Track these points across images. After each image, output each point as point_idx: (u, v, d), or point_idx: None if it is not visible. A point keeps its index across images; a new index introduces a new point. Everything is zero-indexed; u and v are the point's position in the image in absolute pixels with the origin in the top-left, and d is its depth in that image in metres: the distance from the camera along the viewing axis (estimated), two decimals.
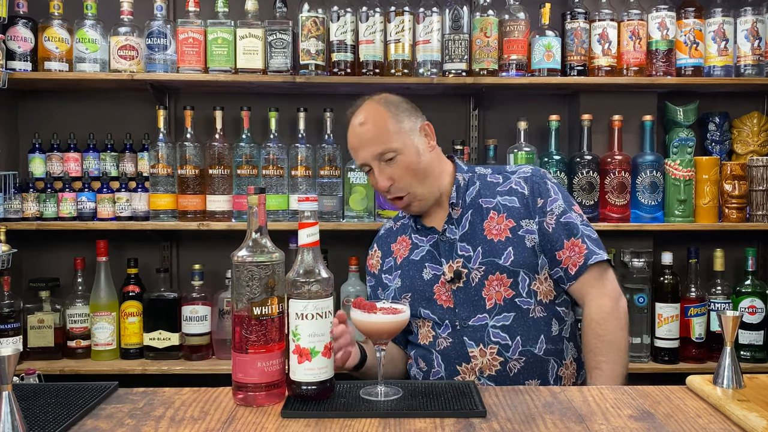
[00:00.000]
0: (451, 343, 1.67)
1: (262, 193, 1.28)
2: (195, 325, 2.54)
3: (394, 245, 1.84)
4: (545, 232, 1.68)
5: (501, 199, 1.72)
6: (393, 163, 1.67)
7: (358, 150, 1.72)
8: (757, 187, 2.61)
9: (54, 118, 2.78)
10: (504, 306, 1.65)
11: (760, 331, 2.58)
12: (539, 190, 1.72)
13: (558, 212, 1.69)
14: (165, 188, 2.54)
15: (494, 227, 1.69)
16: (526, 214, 1.69)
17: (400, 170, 1.68)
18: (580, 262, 1.66)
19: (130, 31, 2.54)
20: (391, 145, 1.67)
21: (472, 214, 1.72)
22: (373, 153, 1.68)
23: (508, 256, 1.66)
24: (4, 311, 2.44)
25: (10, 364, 1.00)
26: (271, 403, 1.26)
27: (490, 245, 1.67)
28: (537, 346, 1.65)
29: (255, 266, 1.24)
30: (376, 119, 1.70)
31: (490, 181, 1.77)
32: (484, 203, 1.72)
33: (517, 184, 1.73)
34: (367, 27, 2.51)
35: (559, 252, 1.67)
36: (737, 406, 1.21)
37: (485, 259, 1.67)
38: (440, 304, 1.70)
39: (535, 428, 1.16)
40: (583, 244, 1.66)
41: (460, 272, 1.67)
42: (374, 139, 1.68)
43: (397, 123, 1.69)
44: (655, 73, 2.61)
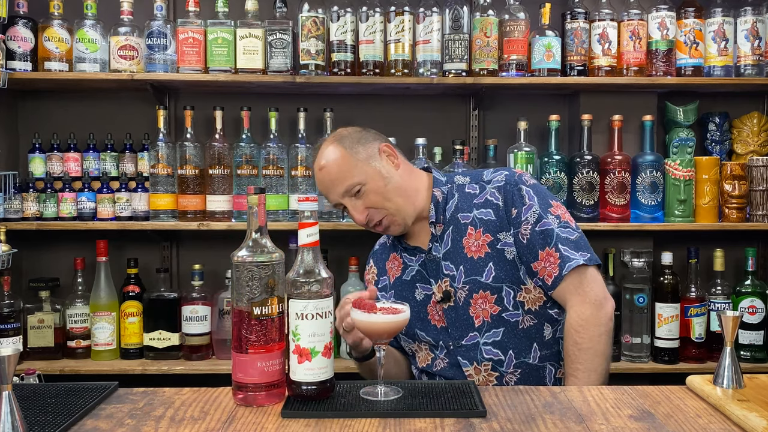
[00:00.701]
0: (448, 364, 1.69)
1: (262, 193, 1.28)
2: (195, 325, 2.54)
3: (388, 263, 1.84)
4: (521, 244, 1.64)
5: (477, 212, 1.69)
6: (361, 194, 1.67)
7: (326, 193, 1.73)
8: (757, 187, 2.61)
9: (54, 118, 2.78)
10: (492, 322, 1.65)
11: (760, 331, 2.58)
12: (513, 200, 1.66)
13: (533, 220, 1.63)
14: (165, 188, 2.54)
15: (473, 244, 1.66)
16: (502, 227, 1.65)
17: (370, 199, 1.68)
18: (555, 272, 1.60)
19: (130, 31, 2.54)
20: (353, 180, 1.66)
21: (452, 231, 1.70)
22: (339, 192, 1.69)
23: (489, 272, 1.64)
24: (4, 311, 2.44)
25: (10, 364, 1.00)
26: (271, 403, 1.26)
27: (471, 263, 1.65)
28: (531, 356, 1.65)
29: (255, 266, 1.24)
30: (332, 160, 1.69)
31: (468, 192, 1.72)
32: (462, 218, 1.69)
33: (492, 195, 1.69)
34: (367, 27, 2.51)
35: (534, 263, 1.63)
36: (737, 406, 1.21)
37: (468, 278, 1.65)
38: (434, 324, 1.70)
39: (535, 428, 1.16)
40: (557, 252, 1.60)
41: (448, 292, 1.67)
42: (336, 180, 1.68)
43: (353, 156, 1.68)
44: (655, 73, 2.61)
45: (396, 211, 1.69)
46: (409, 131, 2.71)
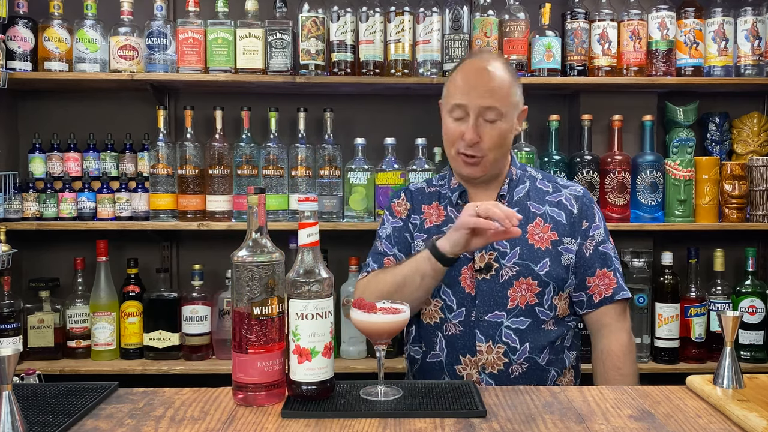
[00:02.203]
0: (461, 332, 1.66)
1: (262, 193, 1.28)
2: (195, 325, 2.54)
3: (426, 207, 1.78)
4: (582, 256, 1.69)
5: (549, 209, 1.71)
6: (491, 125, 1.61)
7: (467, 92, 1.61)
8: (757, 187, 2.61)
9: (54, 118, 2.78)
10: (524, 310, 1.65)
11: (760, 331, 2.58)
12: (587, 213, 1.72)
13: (598, 239, 1.71)
14: (165, 188, 2.54)
15: (537, 234, 1.68)
16: (570, 233, 1.69)
17: (493, 135, 1.62)
18: (607, 293, 1.69)
19: (130, 31, 2.54)
20: (502, 108, 1.61)
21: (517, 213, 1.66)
22: (484, 104, 1.60)
23: (544, 265, 1.65)
24: (4, 311, 2.44)
25: (10, 364, 1.00)
26: (271, 403, 1.26)
27: (529, 249, 1.66)
28: (541, 357, 1.66)
29: (255, 266, 1.24)
30: (504, 75, 1.63)
31: (540, 187, 1.75)
32: (532, 207, 1.71)
33: (568, 200, 1.73)
34: (367, 27, 2.51)
35: (590, 278, 1.69)
36: (737, 406, 1.21)
37: (521, 261, 1.65)
38: (462, 287, 1.67)
39: (535, 428, 1.16)
40: (614, 277, 1.70)
41: (491, 265, 1.65)
42: (491, 92, 1.60)
43: (515, 92, 1.65)
44: (655, 73, 2.61)
45: (493, 161, 1.66)
46: (409, 131, 2.71)
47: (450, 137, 1.67)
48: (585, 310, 1.72)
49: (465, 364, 1.65)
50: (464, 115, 1.62)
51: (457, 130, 1.63)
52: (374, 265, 1.79)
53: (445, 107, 1.68)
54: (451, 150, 1.68)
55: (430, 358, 1.69)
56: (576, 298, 1.72)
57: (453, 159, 1.70)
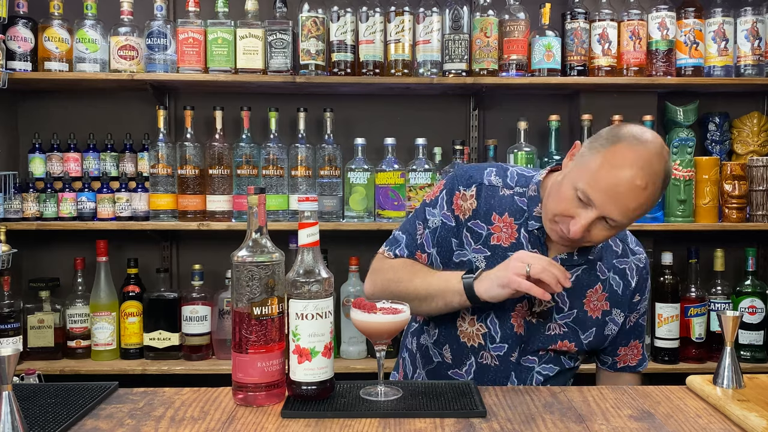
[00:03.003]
0: (496, 367, 1.56)
1: (262, 193, 1.28)
2: (195, 325, 2.54)
3: (498, 218, 1.56)
4: (623, 327, 1.63)
5: (612, 276, 1.59)
6: (607, 228, 1.41)
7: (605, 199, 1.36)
8: (757, 187, 2.61)
9: (54, 118, 2.78)
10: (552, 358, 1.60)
11: (760, 331, 2.58)
12: (641, 288, 1.63)
13: (642, 312, 1.66)
14: (165, 188, 2.54)
15: (594, 301, 1.57)
16: (621, 305, 1.60)
17: (602, 236, 1.43)
18: (632, 363, 1.68)
19: (130, 31, 2.54)
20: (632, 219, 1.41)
21: (584, 271, 1.57)
22: (614, 215, 1.37)
23: (589, 335, 1.58)
24: (4, 311, 2.44)
25: (10, 364, 1.00)
26: (271, 403, 1.26)
27: (583, 315, 1.57)
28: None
29: (255, 266, 1.24)
30: (651, 195, 1.38)
31: (610, 245, 1.61)
32: (599, 270, 1.58)
33: (631, 270, 1.61)
34: (367, 27, 2.52)
35: (622, 348, 1.66)
36: (737, 406, 1.21)
37: (571, 324, 1.57)
38: (512, 323, 1.55)
39: (535, 428, 1.16)
40: (642, 348, 1.68)
41: (548, 314, 1.55)
42: (629, 209, 1.37)
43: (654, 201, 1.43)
44: (655, 73, 2.61)
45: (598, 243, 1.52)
46: (409, 131, 2.71)
47: (558, 210, 1.42)
48: (604, 368, 1.70)
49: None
50: (587, 207, 1.38)
51: (571, 211, 1.40)
52: (405, 251, 1.60)
53: (572, 176, 1.43)
54: (549, 218, 1.46)
55: (453, 374, 1.60)
56: (601, 357, 1.69)
57: (547, 227, 1.49)
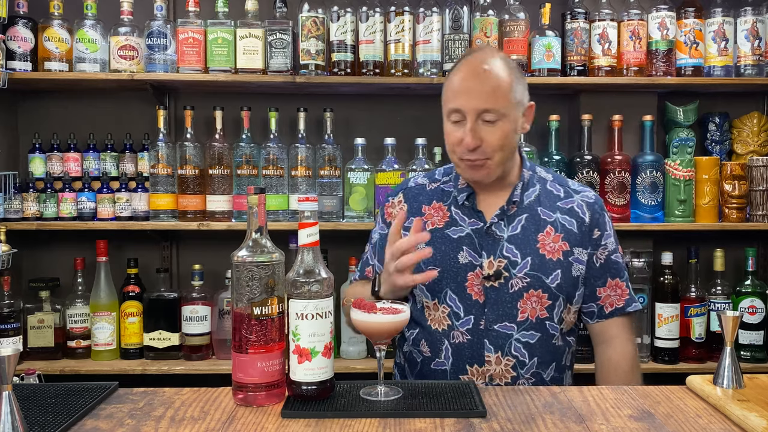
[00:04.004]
0: (469, 341, 1.59)
1: (262, 193, 1.28)
2: (195, 325, 2.54)
3: (427, 208, 1.69)
4: (593, 266, 1.65)
5: (560, 216, 1.64)
6: (491, 126, 1.53)
7: (462, 95, 1.53)
8: (757, 187, 2.61)
9: (54, 118, 2.78)
10: (534, 324, 1.60)
11: (760, 331, 2.58)
12: (598, 222, 1.66)
13: (610, 248, 1.66)
14: (165, 188, 2.54)
15: (549, 243, 1.61)
16: (581, 243, 1.63)
17: (494, 137, 1.53)
18: (620, 304, 1.66)
19: (130, 31, 2.54)
20: (500, 108, 1.52)
21: (526, 219, 1.62)
22: (479, 107, 1.51)
23: (555, 278, 1.60)
24: (4, 311, 2.44)
25: (10, 364, 1.00)
26: (271, 403, 1.26)
27: (541, 260, 1.60)
28: (547, 372, 1.62)
29: (255, 266, 1.24)
30: (498, 73, 1.53)
31: (550, 190, 1.68)
32: (543, 214, 1.64)
33: (579, 207, 1.66)
34: (367, 27, 2.52)
35: (601, 289, 1.66)
36: (737, 406, 1.21)
37: (532, 272, 1.59)
38: (470, 293, 1.60)
39: (535, 428, 1.16)
40: (627, 288, 1.68)
41: (500, 272, 1.59)
42: (488, 94, 1.52)
43: (514, 88, 1.56)
44: (655, 73, 2.61)
45: (498, 163, 1.58)
46: (409, 131, 2.71)
47: (451, 143, 1.59)
48: (595, 321, 1.68)
49: (472, 374, 1.59)
50: (462, 118, 1.54)
51: (456, 135, 1.55)
52: (358, 274, 1.79)
53: (444, 110, 1.60)
54: (453, 156, 1.61)
55: (435, 365, 1.63)
56: (586, 309, 1.68)
57: (456, 164, 1.63)
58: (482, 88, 1.53)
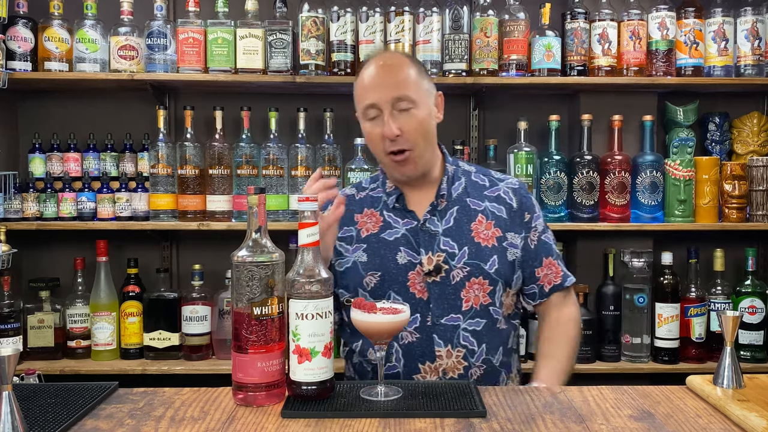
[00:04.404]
0: (418, 339, 1.60)
1: (262, 193, 1.28)
2: (195, 325, 2.54)
3: (359, 216, 1.72)
4: (528, 248, 1.69)
5: (489, 204, 1.69)
6: (406, 114, 1.58)
7: (373, 90, 1.59)
8: (757, 187, 2.61)
9: (54, 118, 2.78)
10: (479, 311, 1.62)
11: (760, 331, 2.58)
12: (526, 205, 1.71)
13: (540, 229, 1.72)
14: (165, 188, 2.54)
15: (482, 231, 1.65)
16: (512, 228, 1.68)
17: (412, 123, 1.58)
18: (557, 281, 1.71)
19: (130, 31, 2.54)
20: (411, 95, 1.57)
21: (458, 211, 1.67)
22: (392, 96, 1.57)
23: (493, 263, 1.63)
24: (4, 311, 2.44)
25: (10, 364, 1.00)
26: (271, 403, 1.26)
27: (477, 248, 1.64)
28: (496, 357, 1.64)
29: (255, 266, 1.24)
30: (402, 65, 1.61)
31: (476, 182, 1.73)
32: (472, 204, 1.68)
33: (506, 193, 1.71)
34: (367, 27, 2.52)
35: (539, 269, 1.70)
36: (737, 406, 1.21)
37: (471, 261, 1.63)
38: (413, 292, 1.62)
39: (535, 428, 1.16)
40: (559, 265, 1.73)
41: (440, 266, 1.62)
42: (397, 83, 1.58)
43: (420, 78, 1.62)
44: (655, 73, 2.61)
45: (422, 153, 1.62)
46: None
47: (372, 141, 1.63)
48: (537, 301, 1.72)
49: (425, 372, 1.60)
50: (378, 113, 1.59)
51: (376, 131, 1.59)
52: None
53: (359, 112, 1.65)
54: (379, 154, 1.64)
55: (386, 370, 1.61)
56: (528, 291, 1.72)
57: (384, 163, 1.67)
58: (392, 79, 1.59)
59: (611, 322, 2.59)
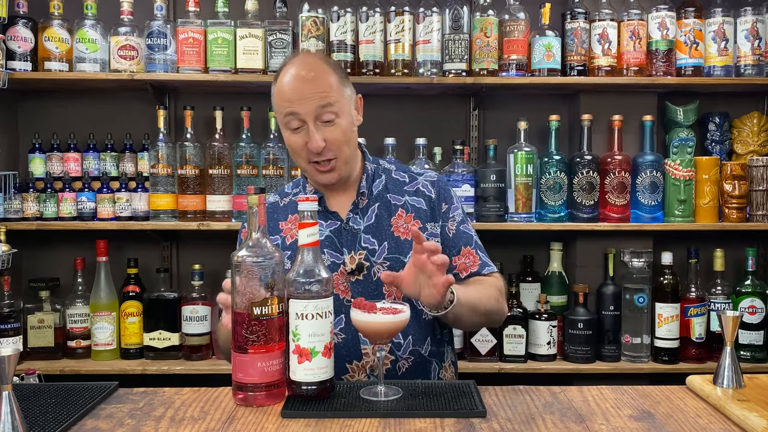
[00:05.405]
0: (344, 340, 1.59)
1: (262, 193, 1.28)
2: (195, 325, 2.54)
3: (284, 223, 1.71)
4: (446, 236, 1.69)
5: (409, 198, 1.70)
6: (330, 125, 1.57)
7: (297, 101, 1.55)
8: (757, 187, 2.61)
9: (54, 118, 2.78)
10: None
11: (760, 331, 2.58)
12: (444, 196, 1.72)
13: (458, 219, 1.71)
14: (165, 188, 2.54)
15: (401, 225, 1.66)
16: (431, 218, 1.69)
17: (336, 134, 1.57)
18: (474, 269, 1.67)
19: (130, 31, 2.54)
20: (335, 106, 1.56)
21: (379, 208, 1.67)
22: (314, 106, 1.54)
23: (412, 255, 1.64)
24: (4, 311, 2.44)
25: (10, 364, 1.00)
26: (271, 403, 1.26)
27: (396, 242, 1.65)
28: (424, 347, 1.63)
29: (255, 266, 1.24)
30: (323, 74, 1.57)
31: (396, 179, 1.73)
32: (392, 199, 1.69)
33: (424, 186, 1.72)
34: (367, 27, 2.52)
35: (456, 257, 1.68)
36: (737, 406, 1.21)
37: (390, 255, 1.63)
38: (337, 293, 1.61)
39: (535, 428, 1.16)
40: (477, 255, 1.69)
41: (362, 265, 1.62)
42: (318, 93, 1.55)
43: (342, 85, 1.60)
44: (655, 73, 2.61)
45: (346, 160, 1.62)
46: (409, 131, 2.71)
47: (295, 149, 1.61)
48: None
49: (353, 371, 1.59)
50: (301, 123, 1.57)
51: (300, 142, 1.58)
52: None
53: (279, 120, 1.63)
54: (300, 162, 1.64)
55: None
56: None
57: (306, 170, 1.66)
58: (315, 89, 1.56)
59: (611, 322, 2.59)
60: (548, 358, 2.58)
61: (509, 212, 2.60)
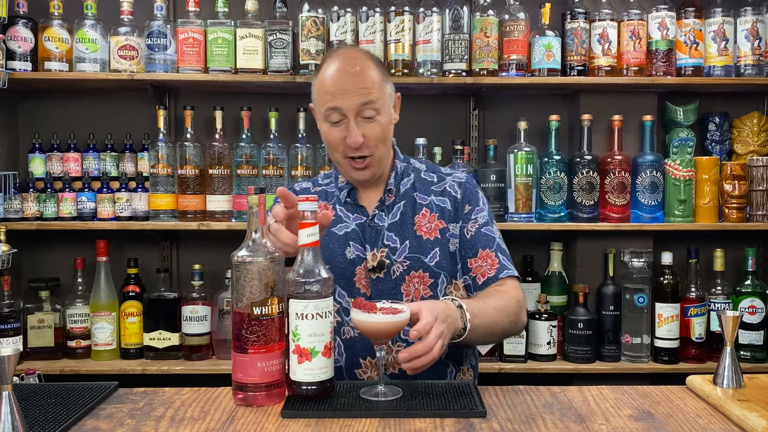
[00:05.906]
0: (360, 335, 1.56)
1: (262, 193, 1.28)
2: (195, 325, 2.54)
3: None
4: (464, 238, 1.67)
5: (435, 198, 1.69)
6: (371, 121, 1.58)
7: (339, 95, 1.56)
8: (757, 187, 2.61)
9: (54, 118, 2.78)
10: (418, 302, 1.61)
11: (760, 331, 2.58)
12: (470, 198, 1.70)
13: (481, 222, 1.69)
14: (165, 188, 2.54)
15: (425, 224, 1.66)
16: (454, 218, 1.68)
17: (375, 131, 1.58)
18: (491, 273, 1.64)
19: (130, 31, 2.54)
20: (376, 102, 1.57)
21: (404, 206, 1.68)
22: (359, 102, 1.55)
23: (433, 256, 1.63)
24: (4, 311, 2.44)
25: (10, 364, 1.00)
26: (271, 403, 1.26)
27: (418, 241, 1.64)
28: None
29: (255, 266, 1.24)
30: (367, 69, 1.58)
31: (425, 178, 1.73)
32: (419, 198, 1.69)
33: (451, 186, 1.71)
34: (367, 27, 2.52)
35: (472, 260, 1.66)
36: (737, 406, 1.21)
37: (411, 254, 1.63)
38: (358, 287, 1.63)
39: (535, 428, 1.16)
40: (497, 257, 1.65)
41: (383, 263, 1.62)
42: (363, 90, 1.56)
43: (384, 82, 1.61)
44: (655, 73, 2.61)
45: (381, 158, 1.63)
46: (409, 131, 2.71)
47: (332, 143, 1.62)
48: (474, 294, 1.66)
49: (366, 367, 1.60)
50: (341, 117, 1.58)
51: (338, 136, 1.59)
52: None
53: (319, 112, 1.63)
54: (336, 155, 1.64)
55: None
56: (464, 283, 1.68)
57: (340, 164, 1.66)
58: (358, 85, 1.56)
59: (611, 322, 2.59)
60: (548, 358, 2.58)
61: (509, 212, 2.60)
